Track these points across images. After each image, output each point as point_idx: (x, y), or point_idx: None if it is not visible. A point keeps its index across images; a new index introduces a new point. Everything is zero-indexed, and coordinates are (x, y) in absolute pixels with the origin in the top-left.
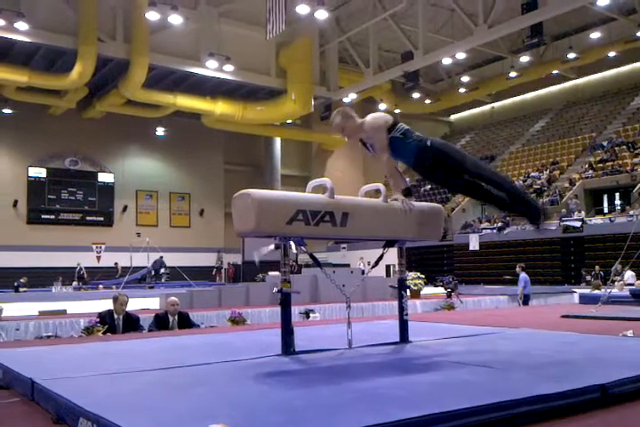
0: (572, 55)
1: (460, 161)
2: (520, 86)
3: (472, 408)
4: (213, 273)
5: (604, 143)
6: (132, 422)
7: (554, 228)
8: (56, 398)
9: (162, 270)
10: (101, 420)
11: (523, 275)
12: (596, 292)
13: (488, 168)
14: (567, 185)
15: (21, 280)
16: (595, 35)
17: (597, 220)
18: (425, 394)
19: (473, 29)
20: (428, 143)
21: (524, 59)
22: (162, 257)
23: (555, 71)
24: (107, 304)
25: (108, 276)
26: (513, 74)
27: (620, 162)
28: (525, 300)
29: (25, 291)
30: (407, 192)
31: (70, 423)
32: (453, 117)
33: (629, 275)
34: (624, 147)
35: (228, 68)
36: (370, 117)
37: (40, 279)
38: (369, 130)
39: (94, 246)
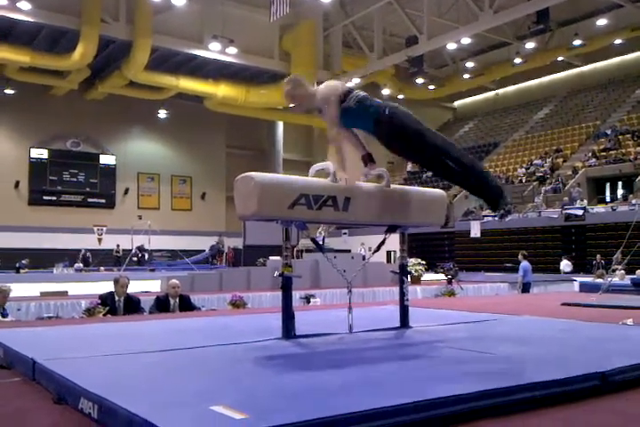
0: (577, 42)
1: (418, 132)
2: (525, 73)
3: (471, 394)
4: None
5: (608, 131)
6: (132, 403)
7: (556, 216)
8: (57, 379)
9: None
10: (102, 400)
11: (524, 263)
12: (598, 280)
13: (447, 142)
14: (570, 173)
15: (23, 261)
16: (601, 22)
17: (599, 208)
18: (425, 379)
19: (478, 14)
20: (387, 112)
21: (530, 45)
22: (218, 243)
23: (560, 58)
24: (108, 286)
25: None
26: (518, 60)
27: (624, 151)
28: (526, 288)
29: (26, 272)
30: (369, 158)
31: (71, 403)
32: (457, 104)
33: (565, 264)
34: (628, 135)
35: (232, 50)
36: (323, 86)
37: (41, 260)
38: (320, 101)
39: (95, 228)
